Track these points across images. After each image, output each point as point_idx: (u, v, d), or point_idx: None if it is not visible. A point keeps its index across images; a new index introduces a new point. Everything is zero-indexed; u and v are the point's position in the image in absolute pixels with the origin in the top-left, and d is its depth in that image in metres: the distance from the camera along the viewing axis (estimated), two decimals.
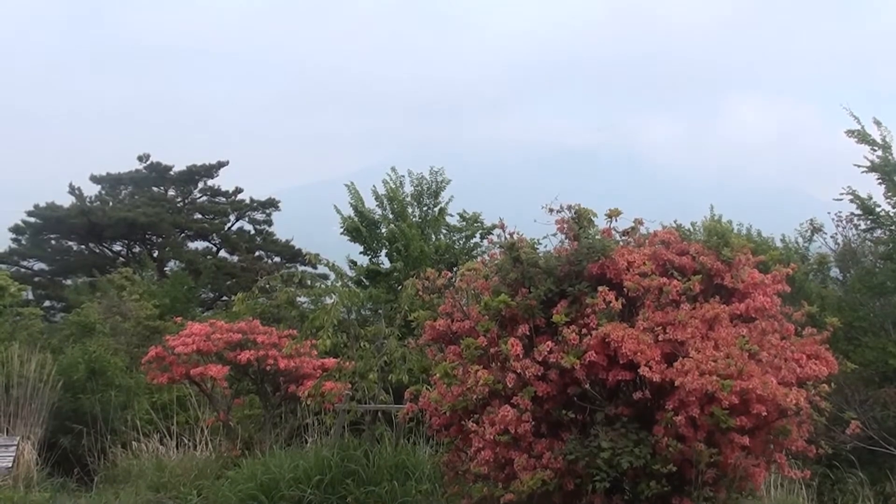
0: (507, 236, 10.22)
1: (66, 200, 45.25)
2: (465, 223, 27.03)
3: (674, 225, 18.45)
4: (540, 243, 10.53)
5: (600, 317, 9.03)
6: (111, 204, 46.61)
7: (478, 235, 26.17)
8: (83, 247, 45.87)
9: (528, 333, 9.39)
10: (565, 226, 10.06)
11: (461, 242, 26.66)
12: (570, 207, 10.13)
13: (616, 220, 10.36)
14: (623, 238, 10.39)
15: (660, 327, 8.88)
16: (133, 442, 15.82)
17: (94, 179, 47.74)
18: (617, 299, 9.11)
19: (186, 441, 15.71)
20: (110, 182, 47.89)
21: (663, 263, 9.66)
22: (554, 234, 10.37)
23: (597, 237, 9.85)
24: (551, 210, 10.14)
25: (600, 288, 9.18)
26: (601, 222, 10.26)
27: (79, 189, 46.36)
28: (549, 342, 9.11)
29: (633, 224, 10.51)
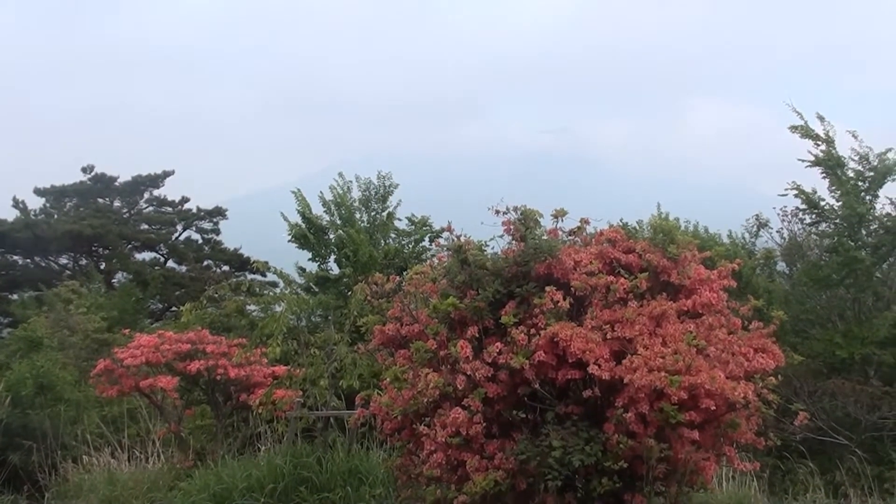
0: (455, 239, 10.22)
1: (10, 214, 44.89)
2: (413, 227, 27.04)
3: (620, 224, 18.56)
4: (487, 245, 10.55)
5: (548, 317, 9.06)
6: (56, 217, 46.29)
7: (427, 239, 26.19)
8: (28, 261, 45.47)
9: (477, 335, 9.40)
10: (512, 227, 10.08)
11: (410, 246, 26.67)
12: (516, 209, 10.15)
13: (562, 220, 10.39)
14: (569, 238, 10.42)
15: (608, 325, 8.92)
16: (84, 456, 15.67)
17: (39, 192, 47.37)
18: (564, 299, 9.14)
19: (138, 454, 15.58)
20: (55, 194, 47.51)
21: (610, 262, 9.71)
22: (501, 236, 10.38)
23: (543, 237, 9.86)
24: (497, 212, 10.15)
25: (548, 288, 9.21)
26: (548, 222, 10.29)
27: (23, 202, 46.07)
28: (498, 343, 9.12)
29: (579, 224, 10.55)
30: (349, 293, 18.43)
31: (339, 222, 26.05)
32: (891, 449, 17.75)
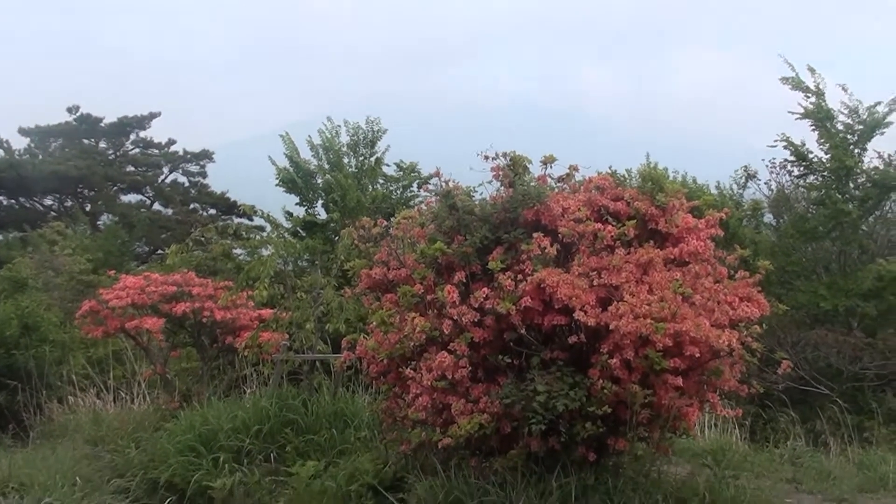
0: (444, 184, 10.21)
1: None
2: (402, 173, 27.01)
3: (609, 171, 18.54)
4: (476, 191, 10.54)
5: (535, 263, 9.08)
6: (41, 157, 45.97)
7: (415, 185, 26.18)
8: (13, 201, 45.19)
9: (464, 280, 9.42)
10: (500, 173, 10.06)
11: (398, 192, 26.66)
12: (504, 154, 10.12)
13: (551, 167, 10.39)
14: (558, 184, 10.43)
15: (594, 272, 8.94)
16: (69, 397, 15.68)
17: (23, 132, 47.01)
18: (552, 245, 9.16)
19: (123, 395, 15.60)
20: (39, 135, 47.13)
21: (598, 209, 9.71)
22: (489, 182, 10.36)
23: (531, 184, 9.86)
24: (486, 157, 10.13)
25: (535, 234, 9.22)
26: (536, 169, 10.28)
27: (7, 142, 45.70)
28: (484, 289, 9.14)
29: (567, 171, 10.54)
30: (336, 238, 18.48)
31: (326, 167, 26.00)
32: (871, 399, 17.92)
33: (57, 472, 10.69)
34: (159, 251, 39.99)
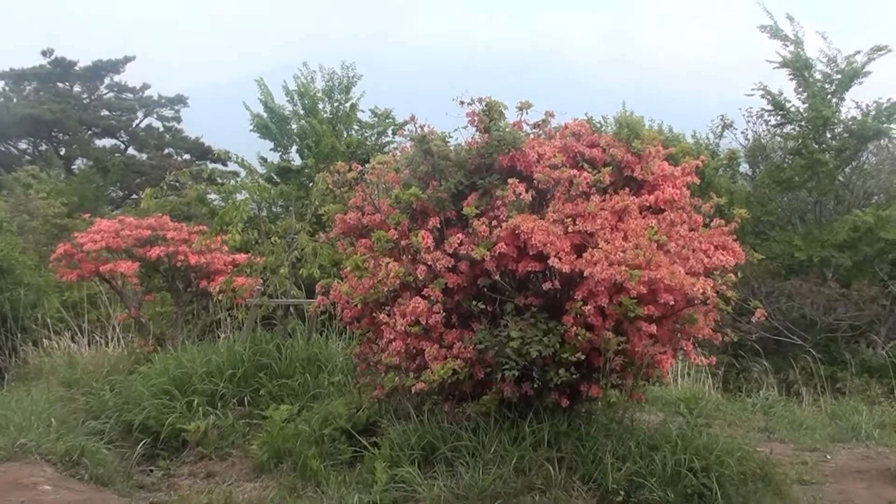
0: (419, 129, 10.15)
1: None
2: (377, 119, 26.97)
3: (585, 118, 18.55)
4: (451, 136, 10.51)
5: (510, 209, 9.07)
6: (15, 101, 45.57)
7: (390, 131, 26.15)
8: None
9: (438, 226, 9.40)
10: (476, 118, 9.99)
11: (373, 139, 26.68)
12: (480, 100, 10.06)
13: (527, 113, 10.32)
14: (534, 130, 10.37)
15: (569, 219, 8.92)
16: (44, 340, 15.64)
17: None
18: (527, 191, 9.14)
19: (98, 338, 15.56)
20: (13, 78, 46.74)
21: (574, 155, 9.68)
22: (465, 127, 10.30)
23: (507, 129, 9.81)
24: (462, 102, 10.06)
25: (510, 180, 9.18)
26: (512, 115, 10.23)
27: None
28: (459, 234, 9.13)
29: (543, 117, 10.49)
30: (311, 184, 18.38)
31: (301, 113, 25.95)
32: (844, 349, 18.10)
33: (32, 414, 10.66)
34: (134, 196, 39.90)
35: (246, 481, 9.99)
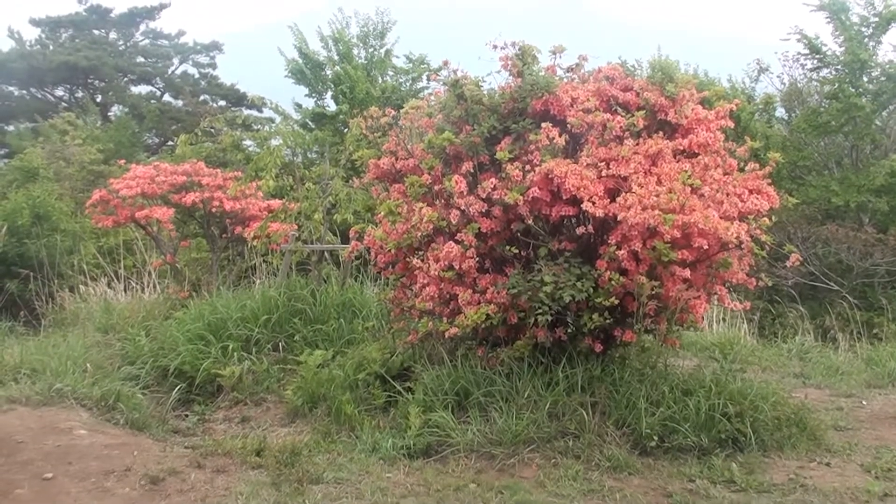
0: (452, 74, 10.10)
1: (6, 45, 44.51)
2: (411, 65, 26.88)
3: (619, 62, 18.38)
4: (484, 81, 10.43)
5: (544, 153, 9.01)
6: (51, 48, 45.81)
7: (424, 77, 26.03)
8: (24, 92, 45.26)
9: (471, 171, 9.37)
10: (509, 62, 9.92)
11: (407, 84, 26.60)
12: (514, 44, 9.99)
13: (560, 57, 10.24)
14: (567, 74, 10.28)
15: (603, 163, 8.88)
16: (80, 286, 15.80)
17: (34, 22, 46.88)
18: (560, 135, 9.08)
19: (134, 284, 15.73)
20: (50, 25, 46.96)
21: (607, 99, 9.60)
22: (498, 72, 10.24)
23: (540, 73, 9.74)
24: (495, 46, 9.99)
25: (544, 124, 9.13)
26: (545, 59, 10.16)
27: (18, 33, 45.68)
28: (492, 179, 9.11)
29: (577, 61, 10.41)
30: (345, 130, 18.38)
31: (336, 58, 25.87)
32: (881, 295, 17.96)
33: (68, 359, 10.76)
34: (169, 142, 40.06)
35: (280, 426, 10.07)
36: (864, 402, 11.05)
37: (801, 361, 12.95)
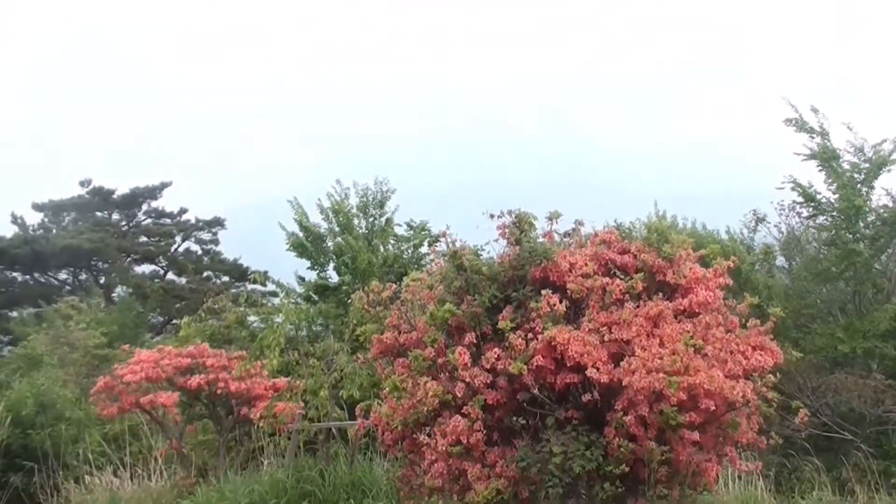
0: (451, 244, 10.19)
1: (9, 231, 44.94)
2: (412, 232, 27.03)
3: (614, 224, 18.51)
4: (483, 249, 10.54)
5: (545, 321, 9.03)
6: (55, 231, 46.34)
7: (426, 244, 26.15)
8: (28, 277, 45.56)
9: (475, 342, 9.38)
10: (506, 231, 10.05)
11: (409, 252, 26.65)
12: (510, 212, 10.12)
13: (557, 223, 10.37)
14: (564, 240, 10.41)
15: (605, 327, 8.89)
16: (86, 476, 15.63)
17: (37, 207, 47.43)
18: (561, 302, 9.12)
19: (140, 471, 15.54)
20: (52, 209, 47.55)
21: (605, 263, 9.67)
22: (496, 240, 10.36)
23: (538, 241, 9.85)
24: (492, 216, 10.13)
25: (544, 292, 9.18)
26: (542, 224, 10.27)
27: (21, 218, 46.13)
28: (496, 349, 9.09)
29: (574, 226, 10.52)
30: (349, 301, 18.44)
31: (336, 230, 26.06)
32: (895, 442, 17.71)
33: None
34: (174, 321, 40.11)
35: None
36: None
37: None
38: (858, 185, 20.89)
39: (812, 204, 21.76)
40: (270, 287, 29.76)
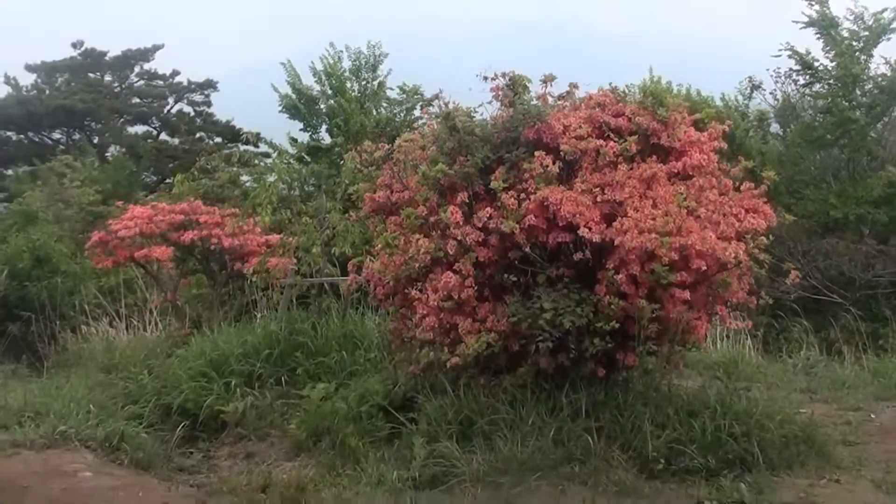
0: (444, 106, 10.15)
1: (2, 91, 44.70)
2: (405, 96, 26.94)
3: (609, 87, 18.38)
4: (476, 111, 10.48)
5: (538, 181, 9.02)
6: (48, 92, 46.08)
7: (418, 108, 26.08)
8: (22, 136, 45.54)
9: (467, 201, 9.39)
10: (500, 93, 10.00)
11: (402, 115, 26.65)
12: (504, 74, 10.06)
13: (551, 86, 10.32)
14: (558, 102, 10.34)
15: (598, 188, 8.90)
16: (82, 326, 15.83)
17: (29, 68, 47.06)
18: (554, 163, 9.10)
19: (136, 323, 15.73)
20: (45, 70, 47.19)
21: (599, 125, 9.62)
22: (490, 102, 10.31)
23: (532, 103, 9.80)
24: (486, 78, 10.06)
25: (537, 153, 9.15)
26: (536, 88, 10.22)
27: (14, 79, 45.87)
28: (488, 208, 9.11)
29: (568, 88, 10.46)
30: (341, 162, 18.43)
31: (329, 92, 25.98)
32: (885, 306, 17.92)
33: (71, 401, 10.79)
34: (167, 180, 40.09)
35: (285, 460, 10.08)
36: (872, 416, 10.98)
37: (807, 376, 12.86)
38: (857, 53, 20.81)
39: (809, 71, 21.71)
40: (263, 148, 29.81)
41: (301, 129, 26.47)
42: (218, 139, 46.02)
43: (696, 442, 8.72)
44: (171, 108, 48.34)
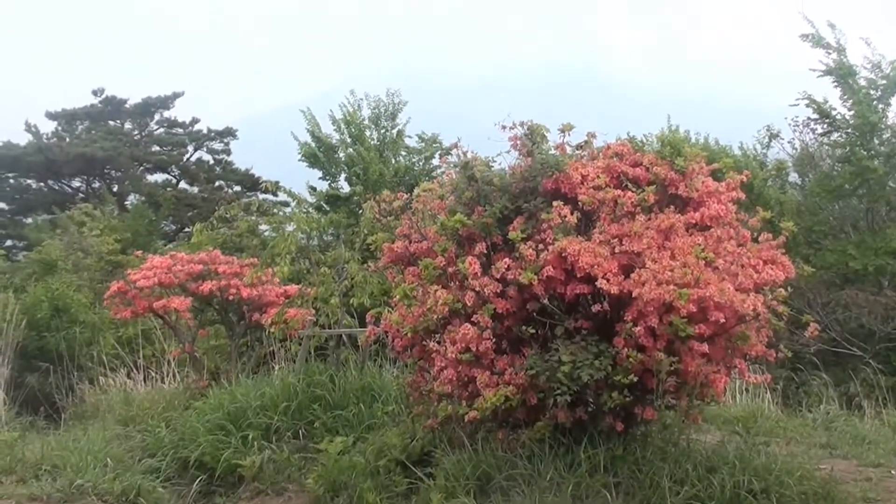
0: (462, 155, 10.17)
1: (23, 138, 45.01)
2: (423, 144, 27.05)
3: (627, 138, 18.42)
4: (495, 161, 10.49)
5: (556, 232, 9.02)
6: (68, 140, 46.36)
7: (437, 156, 26.17)
8: (42, 184, 45.75)
9: (485, 251, 9.40)
10: (518, 142, 10.02)
11: (420, 164, 26.72)
12: (522, 124, 10.08)
13: (569, 135, 10.31)
14: (577, 152, 10.34)
15: (616, 239, 8.88)
16: (100, 377, 15.82)
17: (50, 116, 47.40)
18: (572, 213, 9.10)
19: (153, 374, 15.72)
20: (66, 118, 47.52)
21: (617, 176, 9.63)
22: (508, 152, 10.34)
23: (550, 152, 9.81)
24: (504, 127, 10.08)
25: (555, 203, 9.16)
26: (555, 137, 10.23)
27: (35, 126, 46.11)
28: (506, 259, 9.10)
29: (586, 138, 10.47)
30: (360, 211, 18.48)
31: (348, 140, 26.10)
32: None
33: (88, 454, 10.77)
34: (186, 229, 40.29)
35: None
36: (892, 472, 10.83)
37: (827, 431, 12.72)
38: (874, 102, 20.73)
39: (827, 120, 21.62)
40: (282, 197, 29.89)
41: (320, 178, 26.56)
42: (237, 187, 46.21)
43: (714, 499, 8.61)
44: (191, 156, 48.58)
